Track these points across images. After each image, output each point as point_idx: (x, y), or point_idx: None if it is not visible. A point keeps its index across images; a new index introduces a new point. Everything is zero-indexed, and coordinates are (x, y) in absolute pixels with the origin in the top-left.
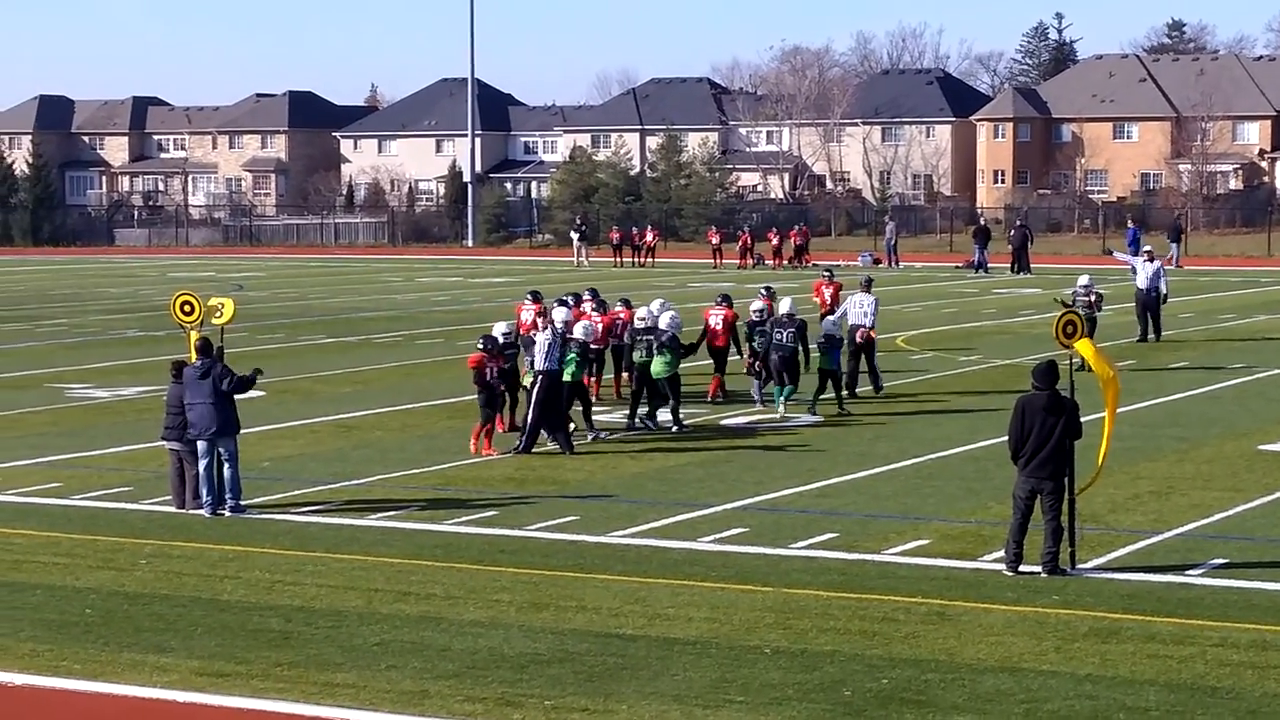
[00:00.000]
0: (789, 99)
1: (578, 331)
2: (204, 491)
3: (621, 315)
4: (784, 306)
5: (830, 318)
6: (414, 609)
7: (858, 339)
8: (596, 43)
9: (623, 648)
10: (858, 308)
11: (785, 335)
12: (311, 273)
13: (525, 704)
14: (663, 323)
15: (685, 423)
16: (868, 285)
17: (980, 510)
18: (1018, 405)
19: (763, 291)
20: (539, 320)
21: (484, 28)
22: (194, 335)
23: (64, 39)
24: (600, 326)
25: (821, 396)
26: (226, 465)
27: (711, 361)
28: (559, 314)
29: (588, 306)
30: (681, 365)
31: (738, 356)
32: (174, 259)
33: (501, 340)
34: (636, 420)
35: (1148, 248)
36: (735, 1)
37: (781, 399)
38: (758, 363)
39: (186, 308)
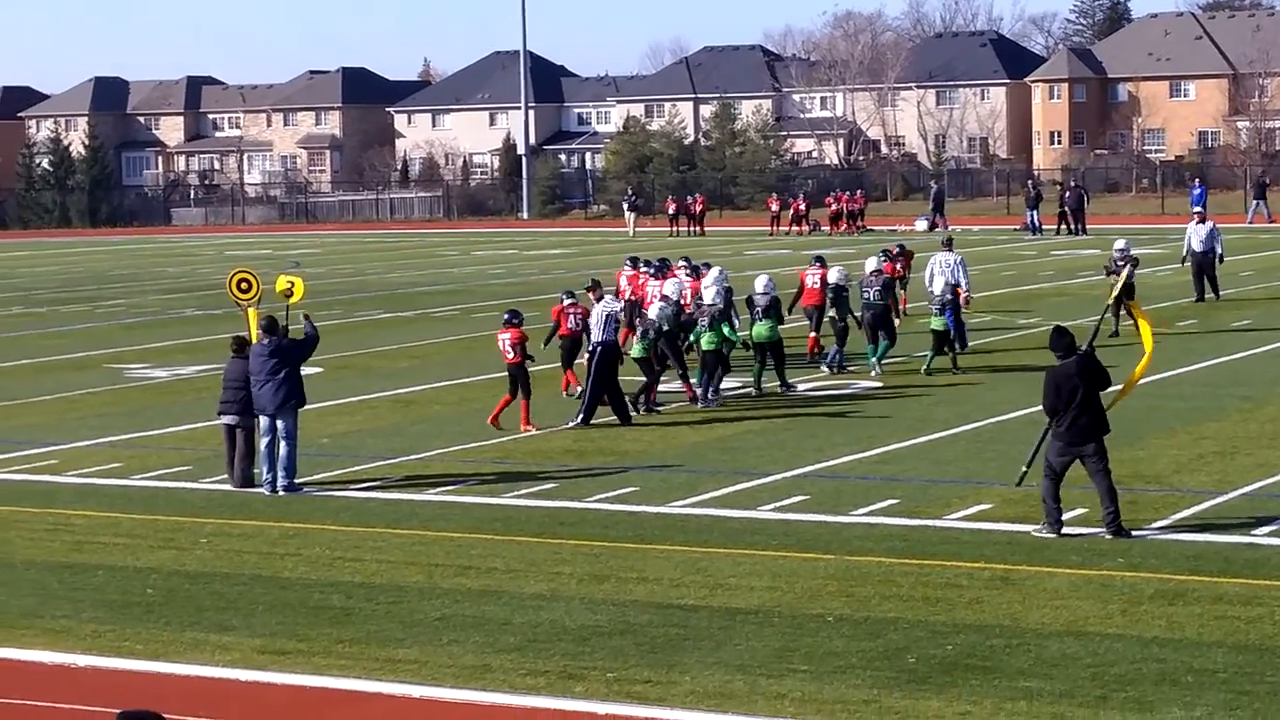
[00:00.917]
0: (842, 64)
1: (709, 297)
2: (264, 469)
3: None
4: (870, 265)
5: (942, 281)
6: (475, 583)
7: (951, 296)
8: (648, 12)
9: (684, 618)
10: (942, 267)
11: (873, 293)
12: (367, 248)
13: (587, 676)
14: (758, 287)
15: (766, 387)
16: (949, 244)
17: (1042, 474)
18: (1050, 378)
19: (881, 255)
20: (591, 297)
21: None
22: (253, 313)
23: (118, 20)
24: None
25: (935, 357)
26: (284, 443)
27: (806, 322)
28: (671, 285)
29: (681, 273)
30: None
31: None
32: (230, 237)
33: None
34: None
35: (1198, 209)
36: None
37: (875, 358)
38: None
39: (243, 285)
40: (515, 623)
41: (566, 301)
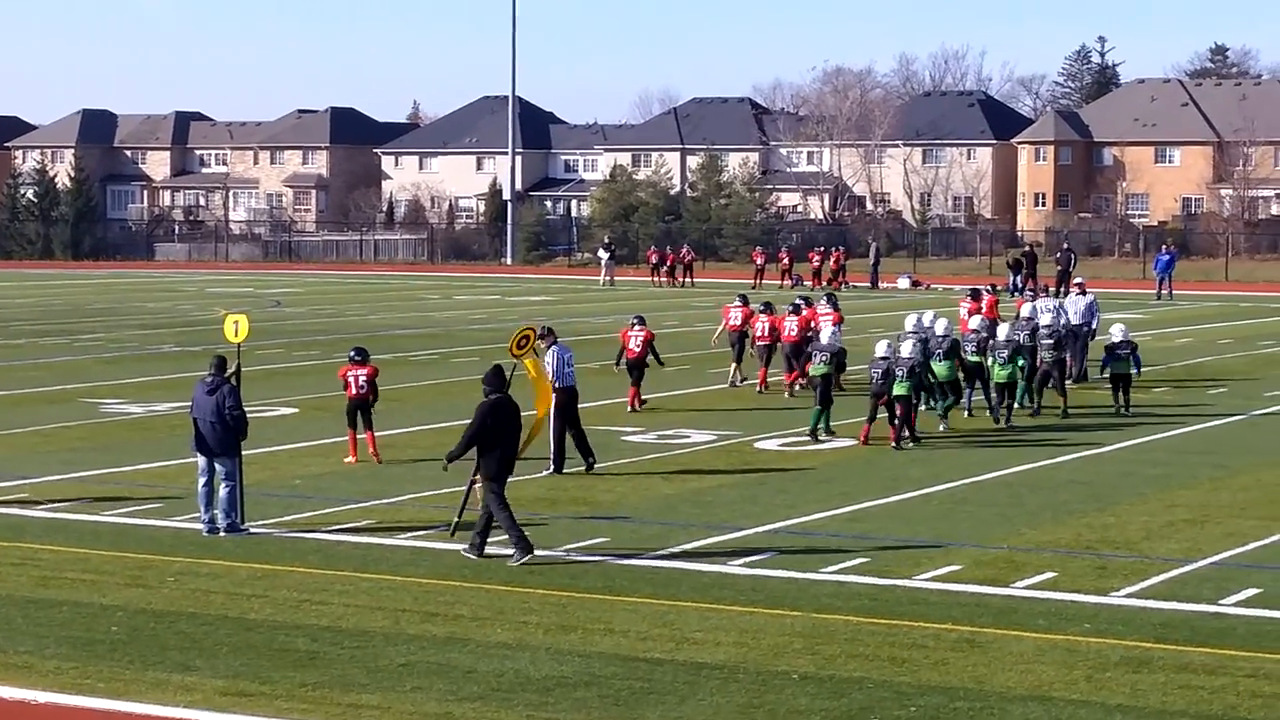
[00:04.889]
0: (830, 120)
1: (907, 350)
2: (202, 508)
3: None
4: (1025, 311)
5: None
6: (441, 630)
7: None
8: (638, 62)
9: (649, 671)
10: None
11: (1022, 337)
12: (349, 290)
13: None
14: (1001, 334)
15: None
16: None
17: (1013, 536)
18: (486, 410)
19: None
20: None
21: (526, 45)
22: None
23: (107, 54)
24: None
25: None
26: (223, 484)
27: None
28: (910, 320)
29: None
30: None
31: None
32: (213, 274)
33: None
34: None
35: (1079, 279)
36: (778, 22)
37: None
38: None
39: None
40: (480, 671)
41: (636, 326)
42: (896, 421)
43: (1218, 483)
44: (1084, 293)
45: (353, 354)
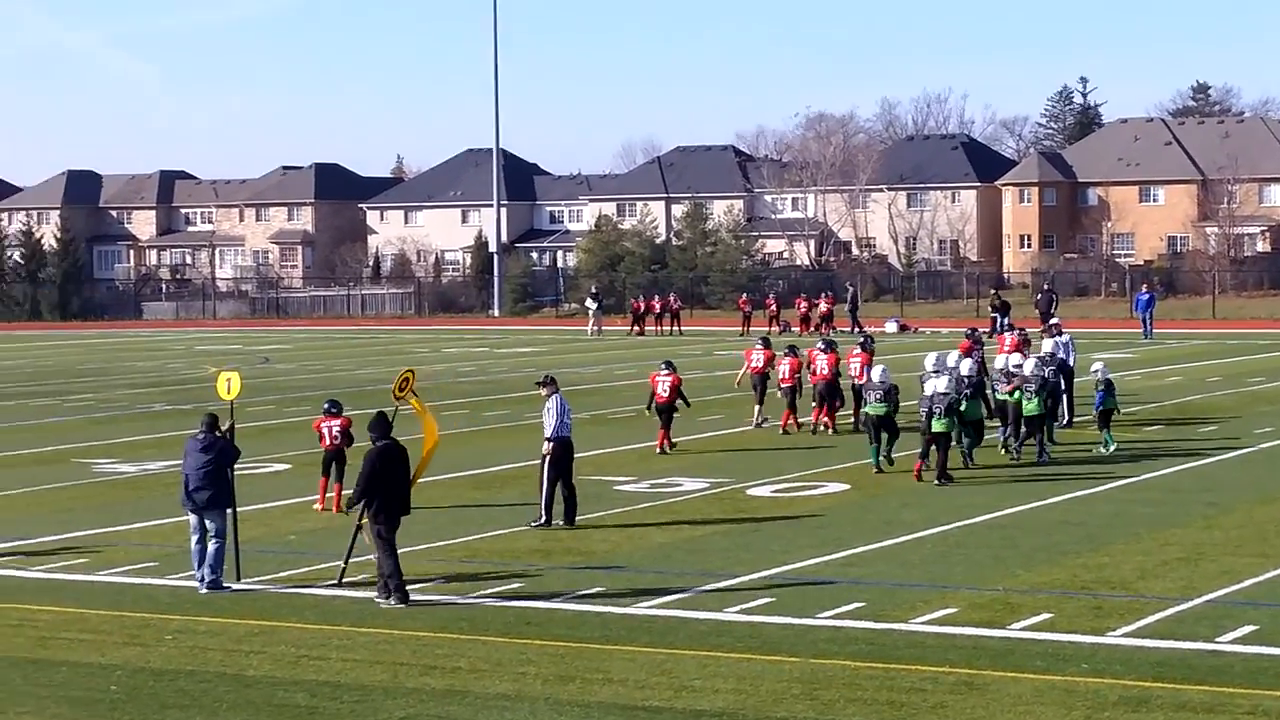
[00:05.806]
0: (814, 165)
1: (941, 386)
2: (196, 566)
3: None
4: (1046, 347)
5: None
6: (439, 683)
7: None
8: (621, 111)
9: None
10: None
11: (1048, 372)
12: (337, 344)
13: None
14: (1028, 368)
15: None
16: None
17: (1008, 578)
18: (375, 456)
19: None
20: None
21: (509, 98)
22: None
23: (91, 114)
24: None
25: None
26: (212, 540)
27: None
28: (966, 365)
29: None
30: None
31: None
32: (201, 332)
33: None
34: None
35: (1055, 319)
36: (760, 69)
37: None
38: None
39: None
40: None
41: (664, 371)
42: (928, 456)
43: (1211, 521)
44: (1060, 333)
45: (327, 406)
